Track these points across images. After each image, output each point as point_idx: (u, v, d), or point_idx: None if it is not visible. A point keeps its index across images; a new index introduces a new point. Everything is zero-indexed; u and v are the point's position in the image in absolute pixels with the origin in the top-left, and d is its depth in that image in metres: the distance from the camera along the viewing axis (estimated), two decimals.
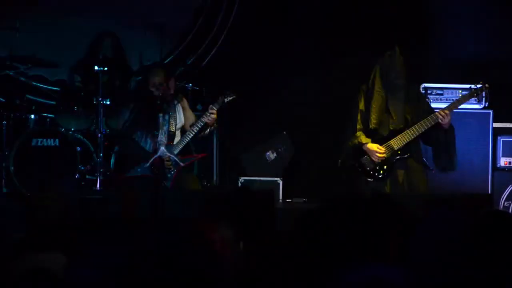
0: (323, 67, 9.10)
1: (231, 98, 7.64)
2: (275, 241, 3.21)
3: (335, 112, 8.45)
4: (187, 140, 7.59)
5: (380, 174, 7.11)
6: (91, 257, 2.96)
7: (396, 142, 7.11)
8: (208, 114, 7.52)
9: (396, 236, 3.25)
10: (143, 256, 2.79)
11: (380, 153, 7.08)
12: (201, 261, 2.77)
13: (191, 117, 7.82)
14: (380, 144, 7.13)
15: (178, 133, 7.71)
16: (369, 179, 7.12)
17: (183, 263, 2.76)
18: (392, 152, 7.11)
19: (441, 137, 7.18)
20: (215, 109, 7.55)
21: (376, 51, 7.54)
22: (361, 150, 7.16)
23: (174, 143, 7.60)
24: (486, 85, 7.41)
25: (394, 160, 7.12)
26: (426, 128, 7.08)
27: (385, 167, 7.11)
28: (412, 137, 7.10)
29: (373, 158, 7.10)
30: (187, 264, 2.77)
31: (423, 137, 7.22)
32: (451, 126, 7.18)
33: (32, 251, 3.23)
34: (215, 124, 7.74)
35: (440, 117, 7.04)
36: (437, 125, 7.10)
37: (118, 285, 2.77)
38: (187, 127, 7.71)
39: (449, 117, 7.08)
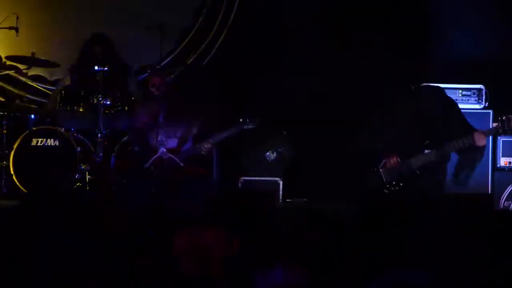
0: (324, 67, 9.09)
1: (251, 127, 7.58)
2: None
3: (335, 112, 8.46)
4: (191, 153, 7.58)
5: (395, 189, 7.00)
6: None
7: (416, 162, 6.97)
8: (202, 148, 7.49)
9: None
10: None
11: (394, 162, 6.97)
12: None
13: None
14: (400, 158, 6.99)
15: (190, 140, 7.69)
16: (384, 190, 7.03)
17: None
18: (409, 171, 6.98)
19: (472, 154, 6.93)
20: (210, 145, 7.50)
21: (376, 50, 7.53)
22: (380, 159, 7.04)
23: (183, 149, 7.60)
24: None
25: (411, 179, 6.98)
26: (456, 149, 6.87)
27: (400, 184, 7.00)
28: (437, 159, 6.91)
29: (387, 164, 7.00)
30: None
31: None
32: (482, 149, 6.95)
33: None
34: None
35: (476, 140, 6.82)
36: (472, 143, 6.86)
37: None
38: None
39: (484, 140, 6.88)
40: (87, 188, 8.14)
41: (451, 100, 7.26)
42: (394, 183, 7.00)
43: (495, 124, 7.19)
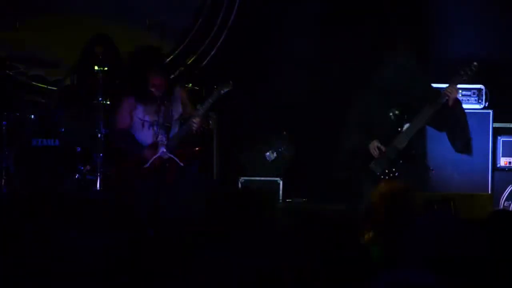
0: (323, 67, 9.09)
1: (227, 90, 7.55)
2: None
3: (335, 112, 8.45)
4: (181, 136, 7.55)
5: (390, 176, 7.00)
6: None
7: (400, 141, 6.98)
8: (192, 123, 7.46)
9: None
10: None
11: (380, 148, 6.98)
12: None
13: (190, 110, 7.74)
14: (384, 144, 7.01)
15: (175, 124, 7.66)
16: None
17: None
18: (397, 153, 6.99)
19: (451, 119, 6.97)
20: (198, 118, 7.48)
21: (375, 50, 7.54)
22: (367, 154, 7.04)
23: (170, 136, 7.57)
24: (474, 63, 7.13)
25: (401, 161, 7.00)
26: (432, 112, 6.89)
27: (393, 169, 7.00)
28: (417, 129, 6.95)
29: (372, 152, 7.00)
30: None
31: (434, 124, 7.05)
32: (459, 107, 7.00)
33: None
34: (209, 125, 7.65)
35: (448, 92, 6.84)
36: (445, 107, 6.88)
37: None
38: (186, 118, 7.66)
39: (457, 91, 6.92)
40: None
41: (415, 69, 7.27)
42: (387, 171, 7.00)
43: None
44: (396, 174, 6.99)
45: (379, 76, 7.06)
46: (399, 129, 7.01)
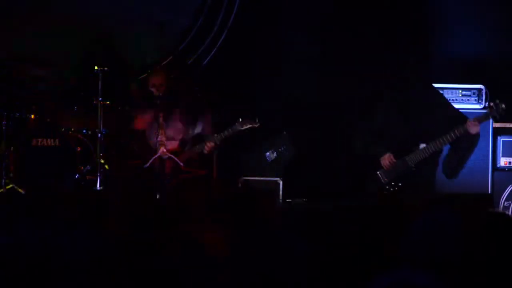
0: (324, 67, 9.09)
1: (250, 126, 7.54)
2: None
3: (335, 112, 8.46)
4: (193, 154, 7.57)
5: (395, 189, 7.01)
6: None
7: (412, 159, 6.99)
8: (205, 146, 7.47)
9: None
10: None
11: (390, 163, 6.99)
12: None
13: (208, 129, 7.76)
14: (395, 157, 7.02)
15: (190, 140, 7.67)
16: (384, 192, 7.03)
17: None
18: (406, 168, 7.00)
19: (463, 144, 7.00)
20: (213, 143, 7.48)
21: (375, 50, 7.54)
22: (376, 160, 7.05)
23: (186, 150, 7.59)
24: (503, 105, 7.13)
25: (408, 175, 7.00)
26: (451, 140, 6.92)
27: (399, 183, 7.03)
28: (431, 151, 6.98)
29: (383, 163, 7.01)
30: None
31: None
32: (475, 139, 7.00)
33: None
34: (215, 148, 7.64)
35: (469, 127, 6.87)
36: (465, 132, 6.91)
37: None
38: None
39: (477, 127, 6.94)
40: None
41: (438, 92, 7.31)
42: (393, 183, 7.02)
43: (485, 111, 7.27)
44: (399, 184, 7.01)
45: (399, 96, 7.07)
46: (414, 146, 7.01)
